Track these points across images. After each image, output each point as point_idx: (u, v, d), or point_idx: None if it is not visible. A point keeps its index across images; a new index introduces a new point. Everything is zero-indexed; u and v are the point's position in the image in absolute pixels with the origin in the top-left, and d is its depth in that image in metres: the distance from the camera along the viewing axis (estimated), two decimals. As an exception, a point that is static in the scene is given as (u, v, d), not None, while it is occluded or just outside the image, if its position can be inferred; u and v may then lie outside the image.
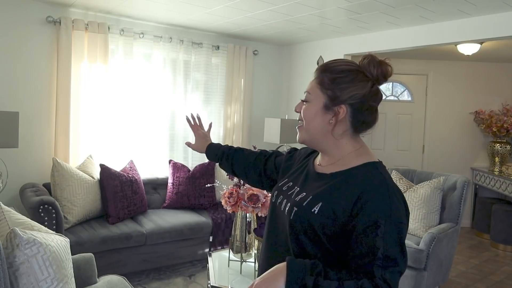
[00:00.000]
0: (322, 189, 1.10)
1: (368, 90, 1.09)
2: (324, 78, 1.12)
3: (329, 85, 1.10)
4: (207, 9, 3.55)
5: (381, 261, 0.96)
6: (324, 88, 1.11)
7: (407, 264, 1.03)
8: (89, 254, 2.28)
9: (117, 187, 3.55)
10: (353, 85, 1.09)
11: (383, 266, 0.96)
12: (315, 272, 0.97)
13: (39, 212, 2.87)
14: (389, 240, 0.97)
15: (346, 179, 1.08)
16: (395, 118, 5.68)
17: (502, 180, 4.88)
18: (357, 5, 3.16)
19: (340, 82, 1.09)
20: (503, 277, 3.94)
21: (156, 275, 3.51)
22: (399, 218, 1.01)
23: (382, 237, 0.97)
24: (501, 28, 3.15)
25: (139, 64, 4.13)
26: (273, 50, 5.19)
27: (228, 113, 4.72)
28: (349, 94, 1.08)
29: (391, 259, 0.97)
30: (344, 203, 1.03)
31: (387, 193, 1.02)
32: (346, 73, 1.10)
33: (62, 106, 3.66)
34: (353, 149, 1.13)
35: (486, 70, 5.57)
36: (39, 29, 3.59)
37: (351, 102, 1.09)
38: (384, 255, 0.96)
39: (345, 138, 1.13)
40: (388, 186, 1.04)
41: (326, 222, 1.04)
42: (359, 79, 1.09)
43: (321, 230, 1.04)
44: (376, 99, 1.11)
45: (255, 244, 2.63)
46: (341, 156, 1.13)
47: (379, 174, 1.07)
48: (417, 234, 3.45)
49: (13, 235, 1.50)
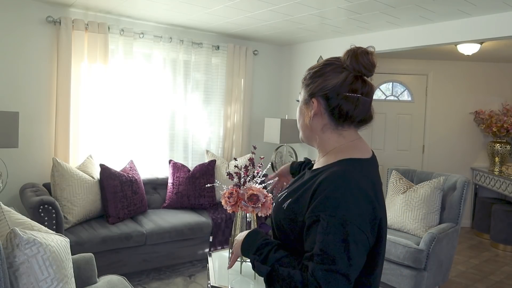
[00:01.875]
0: (296, 186, 1.13)
1: (341, 80, 1.07)
2: (306, 75, 1.16)
3: (307, 81, 1.15)
4: (207, 9, 3.55)
5: (318, 257, 0.93)
6: (305, 85, 1.15)
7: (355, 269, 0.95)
8: (89, 254, 2.28)
9: (117, 187, 3.55)
10: (325, 77, 1.09)
11: (319, 262, 0.92)
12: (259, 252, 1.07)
13: (39, 212, 2.87)
14: (330, 237, 0.93)
15: (316, 176, 1.06)
16: (395, 118, 5.68)
17: (502, 180, 4.88)
18: (357, 5, 3.16)
19: (315, 76, 1.12)
20: (503, 277, 3.94)
21: (156, 275, 3.51)
22: (348, 217, 0.94)
23: (322, 233, 0.94)
24: (501, 28, 3.15)
25: (139, 64, 4.13)
26: (273, 50, 5.19)
27: (228, 113, 4.72)
28: (320, 86, 1.09)
29: (329, 257, 0.92)
30: (304, 201, 1.03)
31: (340, 189, 0.97)
32: (322, 67, 1.12)
33: (62, 106, 3.66)
34: (336, 144, 1.11)
35: (486, 70, 5.57)
36: (39, 29, 3.59)
37: (321, 94, 1.09)
38: (322, 250, 0.92)
39: (327, 133, 1.12)
40: (345, 182, 0.98)
41: (291, 218, 1.06)
42: (333, 71, 1.09)
43: (288, 226, 1.07)
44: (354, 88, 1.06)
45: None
46: (324, 153, 1.14)
47: (338, 170, 1.02)
48: (417, 234, 3.45)
49: (13, 235, 1.50)
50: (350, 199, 0.96)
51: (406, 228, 3.53)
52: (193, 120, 4.50)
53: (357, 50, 1.08)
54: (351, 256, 0.93)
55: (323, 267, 0.91)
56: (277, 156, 4.83)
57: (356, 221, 0.94)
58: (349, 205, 0.95)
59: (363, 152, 1.10)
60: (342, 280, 0.92)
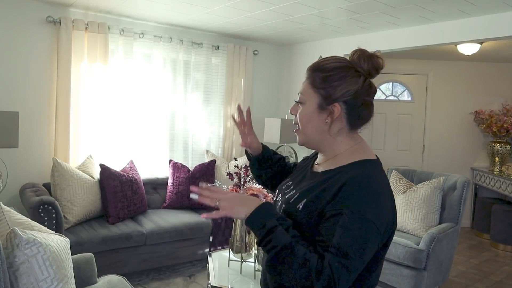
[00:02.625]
0: (308, 186, 1.11)
1: (360, 85, 1.08)
2: (315, 77, 1.11)
3: (321, 84, 1.10)
4: (207, 9, 3.55)
5: (334, 249, 0.94)
6: (317, 88, 1.11)
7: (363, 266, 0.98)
8: (89, 254, 2.28)
9: (117, 187, 3.55)
10: (344, 82, 1.08)
11: (334, 253, 0.93)
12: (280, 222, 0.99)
13: (39, 212, 2.87)
14: (348, 232, 0.94)
15: (333, 177, 1.07)
16: (395, 118, 5.68)
17: (502, 180, 4.88)
18: (357, 5, 3.16)
19: (332, 80, 1.08)
20: (503, 277, 3.94)
21: (156, 275, 3.51)
22: (370, 218, 0.96)
23: (341, 226, 0.95)
24: (501, 28, 3.15)
25: (139, 64, 4.13)
26: (273, 50, 5.19)
27: (228, 113, 4.72)
28: (342, 92, 1.08)
29: (344, 252, 0.93)
30: (325, 200, 1.02)
31: (365, 190, 0.99)
32: (337, 70, 1.09)
33: (62, 106, 3.66)
34: (347, 146, 1.12)
35: (486, 70, 5.57)
36: (39, 29, 3.59)
37: (344, 99, 1.08)
38: (338, 244, 0.93)
39: (341, 136, 1.12)
40: (370, 184, 1.01)
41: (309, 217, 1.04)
42: (350, 75, 1.08)
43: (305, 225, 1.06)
44: (370, 93, 1.10)
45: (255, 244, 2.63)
46: (335, 154, 1.13)
47: (364, 171, 1.04)
48: (417, 234, 3.45)
49: (13, 235, 1.50)
50: (373, 200, 0.99)
51: (406, 228, 3.53)
52: (193, 120, 4.50)
53: (371, 54, 1.10)
54: (364, 253, 0.96)
55: (338, 259, 0.93)
56: (277, 156, 4.82)
57: (375, 221, 0.97)
58: (372, 205, 0.98)
59: (371, 153, 1.13)
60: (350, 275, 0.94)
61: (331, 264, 0.92)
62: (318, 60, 1.16)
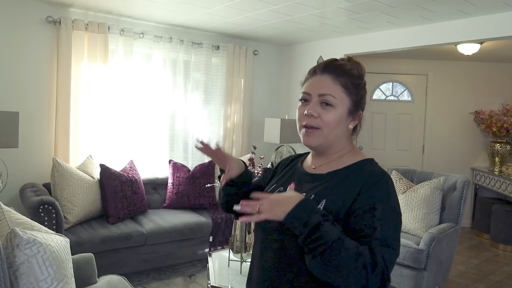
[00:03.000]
0: (322, 187, 1.11)
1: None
2: (347, 82, 1.12)
3: (352, 90, 1.13)
4: (207, 9, 3.55)
5: (379, 241, 0.96)
6: (350, 93, 1.12)
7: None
8: (89, 254, 2.28)
9: (117, 187, 3.55)
10: (364, 91, 1.17)
11: (380, 245, 0.96)
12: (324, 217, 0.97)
13: (39, 212, 2.87)
14: (386, 224, 0.99)
15: (345, 176, 1.10)
16: (395, 118, 5.68)
17: (502, 180, 4.88)
18: (357, 5, 3.16)
19: (360, 88, 1.15)
20: (503, 277, 3.94)
21: (156, 275, 3.51)
22: (397, 208, 1.04)
23: (379, 219, 0.99)
24: (501, 28, 3.15)
25: (139, 64, 4.12)
26: (273, 50, 5.19)
27: (228, 113, 4.72)
28: (364, 100, 1.16)
29: (387, 242, 0.97)
30: (347, 197, 1.05)
31: (387, 184, 1.06)
32: (362, 79, 1.16)
33: (62, 106, 3.66)
34: (349, 148, 1.18)
35: (486, 70, 5.57)
36: (39, 29, 3.59)
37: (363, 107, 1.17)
38: (381, 236, 0.97)
39: (349, 139, 1.19)
40: (388, 178, 1.08)
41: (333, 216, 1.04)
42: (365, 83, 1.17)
43: None
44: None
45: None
46: (338, 156, 1.17)
47: (379, 167, 1.12)
48: (417, 234, 3.45)
49: (13, 235, 1.50)
50: (395, 194, 1.07)
51: (406, 228, 3.53)
52: (193, 120, 4.50)
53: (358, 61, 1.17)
54: (399, 242, 1.03)
55: (387, 250, 0.96)
56: (277, 156, 4.83)
57: (400, 212, 1.06)
58: (396, 199, 1.06)
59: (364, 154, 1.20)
60: (393, 265, 1.00)
61: (384, 256, 0.95)
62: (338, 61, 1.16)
